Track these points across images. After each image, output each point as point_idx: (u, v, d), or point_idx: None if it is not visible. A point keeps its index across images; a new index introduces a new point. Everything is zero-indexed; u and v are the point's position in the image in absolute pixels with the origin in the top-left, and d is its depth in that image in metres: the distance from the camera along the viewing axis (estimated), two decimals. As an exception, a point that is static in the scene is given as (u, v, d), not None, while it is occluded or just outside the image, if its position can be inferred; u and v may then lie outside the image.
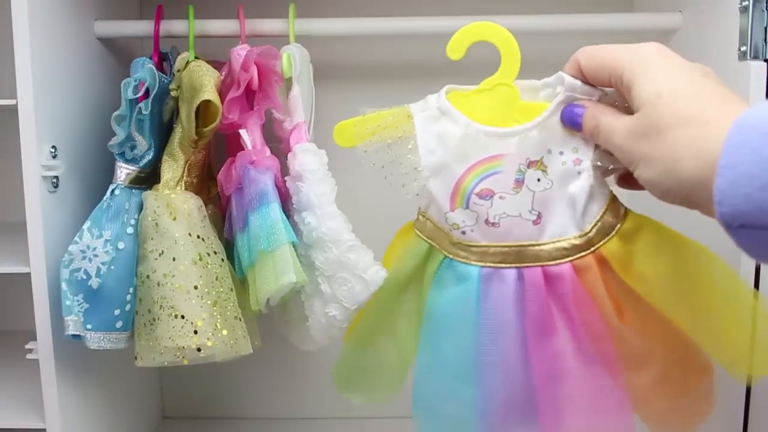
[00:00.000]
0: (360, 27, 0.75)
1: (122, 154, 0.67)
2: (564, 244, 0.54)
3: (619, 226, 0.53)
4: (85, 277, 0.63)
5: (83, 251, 0.64)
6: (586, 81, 0.51)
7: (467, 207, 0.55)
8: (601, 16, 0.77)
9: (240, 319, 0.66)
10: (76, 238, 0.64)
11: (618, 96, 0.50)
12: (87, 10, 0.74)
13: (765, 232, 0.33)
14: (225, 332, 0.64)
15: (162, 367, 0.65)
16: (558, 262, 0.54)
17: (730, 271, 0.51)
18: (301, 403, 1.01)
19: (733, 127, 0.35)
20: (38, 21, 0.62)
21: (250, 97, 0.69)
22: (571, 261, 0.54)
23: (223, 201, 0.72)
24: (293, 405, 1.01)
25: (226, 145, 0.76)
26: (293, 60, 0.68)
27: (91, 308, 0.64)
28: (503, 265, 0.55)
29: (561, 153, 0.53)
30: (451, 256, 0.56)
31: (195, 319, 0.63)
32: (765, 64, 0.61)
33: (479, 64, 0.57)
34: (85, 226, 0.65)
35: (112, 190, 0.67)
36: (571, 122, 0.51)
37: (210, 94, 0.64)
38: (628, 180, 0.52)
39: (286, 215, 0.65)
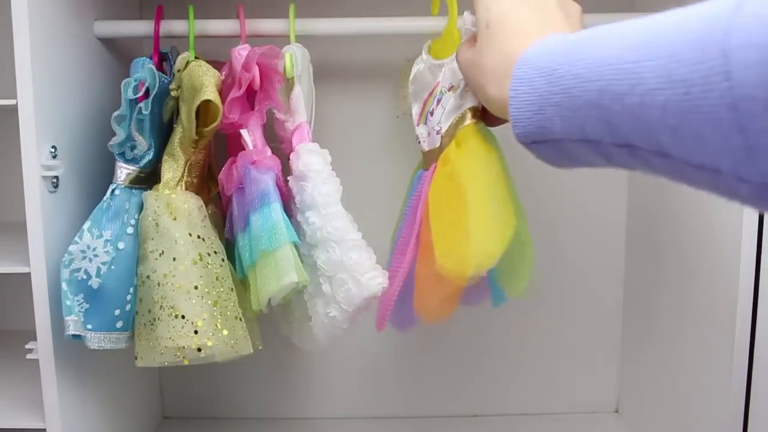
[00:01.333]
0: (360, 27, 0.75)
1: (122, 154, 0.67)
2: (438, 150, 0.67)
3: (456, 134, 0.65)
4: (85, 277, 0.63)
5: (83, 251, 0.64)
6: None
7: (425, 123, 0.70)
8: (601, 16, 0.76)
9: (240, 319, 0.66)
10: (77, 238, 0.64)
11: None
12: (87, 10, 0.74)
13: (548, 144, 0.41)
14: (225, 332, 0.64)
15: (162, 367, 0.65)
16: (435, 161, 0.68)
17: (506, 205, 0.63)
18: (301, 403, 1.01)
19: (516, 63, 0.42)
20: (38, 21, 0.62)
21: (251, 96, 0.69)
22: (435, 163, 0.68)
23: (223, 201, 0.72)
24: (293, 405, 1.01)
25: (227, 145, 0.76)
26: (295, 60, 0.68)
27: (92, 308, 0.64)
28: (425, 168, 0.69)
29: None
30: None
31: (195, 319, 0.63)
32: (765, 64, 0.61)
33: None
34: (85, 226, 0.65)
35: (112, 190, 0.67)
36: None
37: (210, 94, 0.64)
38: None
39: (287, 215, 0.65)
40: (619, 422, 0.99)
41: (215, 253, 0.66)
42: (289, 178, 0.68)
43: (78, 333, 0.63)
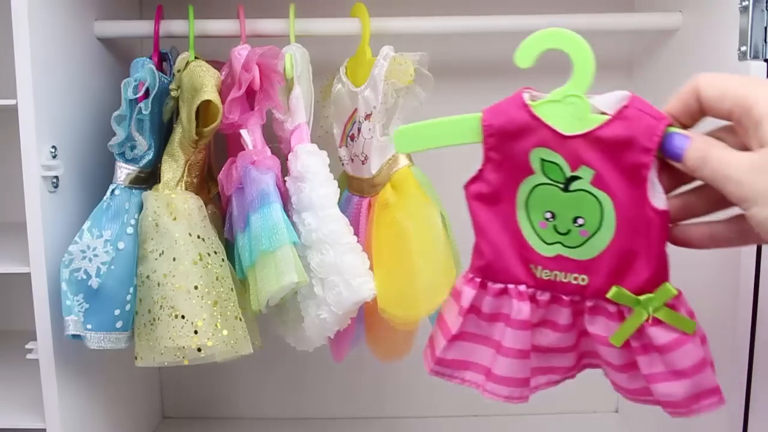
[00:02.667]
0: (360, 27, 0.75)
1: (122, 154, 0.67)
2: (370, 182, 0.69)
3: (391, 177, 0.67)
4: (85, 277, 0.63)
5: (83, 251, 0.64)
6: (700, 110, 0.48)
7: (346, 146, 0.73)
8: (601, 16, 0.77)
9: (240, 319, 0.66)
10: (76, 238, 0.64)
11: (727, 133, 0.47)
12: (87, 10, 0.74)
13: None
14: (225, 332, 0.64)
15: (162, 367, 0.65)
16: (368, 195, 0.70)
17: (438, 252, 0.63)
18: (301, 403, 1.01)
19: None
20: (38, 21, 0.62)
21: (250, 97, 0.69)
22: (371, 196, 0.70)
23: (223, 201, 0.72)
24: (293, 405, 1.01)
25: (227, 145, 0.76)
26: (295, 60, 0.68)
27: (91, 308, 0.64)
28: (355, 192, 0.72)
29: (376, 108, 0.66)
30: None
31: (195, 319, 0.63)
32: (765, 64, 0.61)
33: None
34: (85, 226, 0.65)
35: (112, 190, 0.67)
36: (672, 155, 0.48)
37: (210, 94, 0.64)
38: (682, 237, 0.52)
39: (286, 215, 0.65)
40: (619, 422, 0.99)
41: (215, 253, 0.66)
42: (286, 178, 0.68)
43: (78, 333, 0.63)
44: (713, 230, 0.50)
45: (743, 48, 0.62)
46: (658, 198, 0.49)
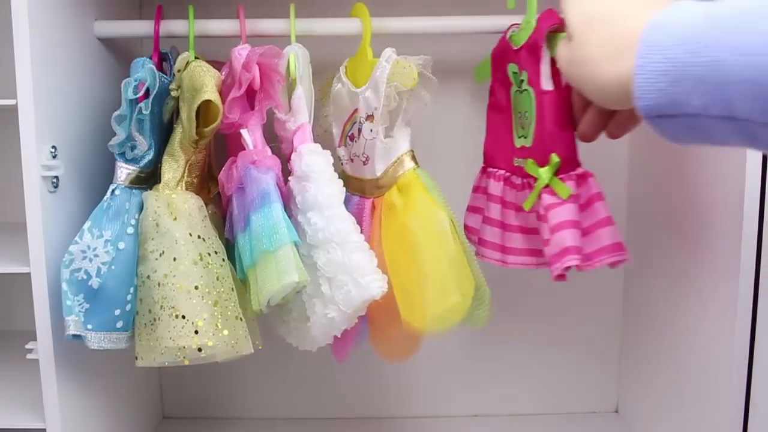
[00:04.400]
0: (360, 27, 0.75)
1: (122, 154, 0.67)
2: (373, 183, 0.70)
3: (397, 179, 0.69)
4: (85, 277, 0.63)
5: (84, 251, 0.64)
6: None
7: (345, 145, 0.73)
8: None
9: (241, 319, 0.66)
10: (77, 238, 0.64)
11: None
12: (87, 10, 0.74)
13: (677, 119, 0.38)
14: (226, 332, 0.64)
15: (162, 367, 0.65)
16: (371, 196, 0.71)
17: (448, 251, 0.65)
18: (301, 403, 1.01)
19: (645, 29, 0.39)
20: (38, 21, 0.62)
21: (251, 96, 0.69)
22: (373, 197, 0.71)
23: (223, 201, 0.72)
24: (293, 405, 1.01)
25: (227, 145, 0.76)
26: (297, 60, 0.68)
27: (92, 308, 0.64)
28: (354, 192, 0.73)
29: (378, 110, 0.67)
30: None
31: (196, 319, 0.63)
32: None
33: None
34: (86, 226, 0.64)
35: (113, 190, 0.67)
36: None
37: (211, 94, 0.64)
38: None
39: (287, 215, 0.65)
40: (619, 422, 0.99)
41: (216, 253, 0.66)
42: (290, 178, 0.68)
43: (78, 333, 0.63)
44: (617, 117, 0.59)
45: (743, 48, 0.62)
46: (546, 82, 0.64)
